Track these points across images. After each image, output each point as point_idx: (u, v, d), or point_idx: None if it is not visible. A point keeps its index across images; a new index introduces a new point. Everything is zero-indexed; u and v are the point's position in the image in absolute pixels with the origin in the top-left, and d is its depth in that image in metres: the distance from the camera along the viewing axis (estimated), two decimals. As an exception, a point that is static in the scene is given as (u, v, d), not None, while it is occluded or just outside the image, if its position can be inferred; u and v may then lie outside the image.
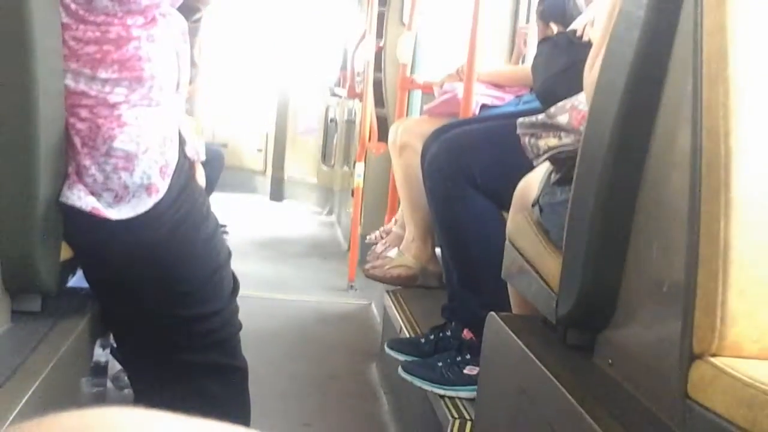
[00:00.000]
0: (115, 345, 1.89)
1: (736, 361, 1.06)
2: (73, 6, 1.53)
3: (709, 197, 1.09)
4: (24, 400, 1.26)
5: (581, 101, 1.76)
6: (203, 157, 1.88)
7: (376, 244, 4.06)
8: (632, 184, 1.33)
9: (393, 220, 4.27)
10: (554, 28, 3.58)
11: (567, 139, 1.76)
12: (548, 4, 3.66)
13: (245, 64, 9.48)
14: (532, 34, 3.66)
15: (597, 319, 1.44)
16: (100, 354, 2.25)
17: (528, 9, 4.70)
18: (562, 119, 1.78)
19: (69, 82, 1.56)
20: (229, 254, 1.90)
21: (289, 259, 5.95)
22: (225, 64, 8.90)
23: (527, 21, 4.24)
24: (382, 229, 4.30)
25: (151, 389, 1.85)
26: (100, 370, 2.57)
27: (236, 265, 1.92)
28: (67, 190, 1.57)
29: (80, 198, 1.58)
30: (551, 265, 1.68)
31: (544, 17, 3.63)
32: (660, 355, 1.23)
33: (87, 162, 1.58)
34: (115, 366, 2.60)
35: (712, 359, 1.07)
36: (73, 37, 1.55)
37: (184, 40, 1.72)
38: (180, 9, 1.75)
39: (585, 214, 1.41)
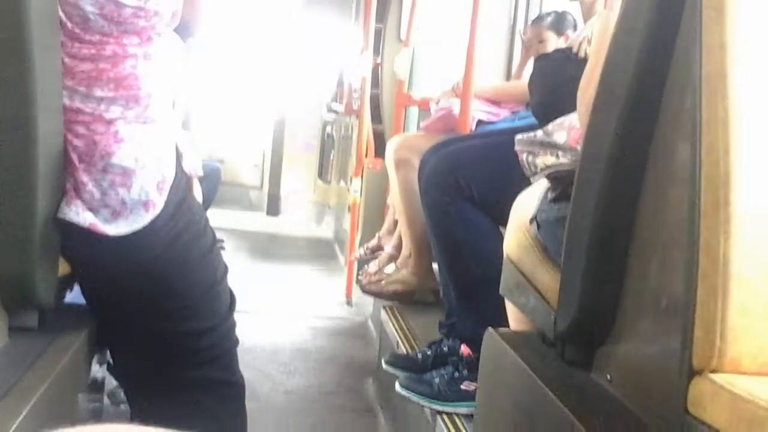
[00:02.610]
0: (111, 361, 1.89)
1: (736, 377, 1.06)
2: (69, 25, 1.54)
3: (708, 213, 1.09)
4: (21, 417, 1.26)
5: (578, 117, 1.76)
6: (200, 173, 1.88)
7: (367, 261, 4.06)
8: (630, 200, 1.33)
9: (376, 236, 4.26)
10: (551, 40, 3.59)
11: (564, 158, 1.76)
12: (555, 17, 3.67)
13: (242, 81, 9.50)
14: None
15: (596, 335, 1.44)
16: (97, 370, 2.25)
17: (525, 24, 4.71)
18: (559, 137, 1.79)
19: (65, 99, 1.56)
20: (226, 269, 1.90)
21: (286, 275, 5.95)
22: (222, 81, 8.93)
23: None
24: (366, 246, 4.29)
25: (148, 405, 1.85)
26: (96, 386, 2.57)
27: (233, 281, 1.92)
28: (65, 206, 1.57)
29: (78, 214, 1.58)
30: (549, 281, 1.68)
31: (546, 29, 3.63)
32: (659, 371, 1.22)
33: (85, 178, 1.58)
34: (111, 382, 2.59)
35: (712, 375, 1.07)
36: (69, 54, 1.55)
37: (179, 59, 1.73)
38: (176, 28, 1.75)
39: (583, 230, 1.41)
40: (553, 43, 3.57)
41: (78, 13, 1.54)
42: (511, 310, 2.04)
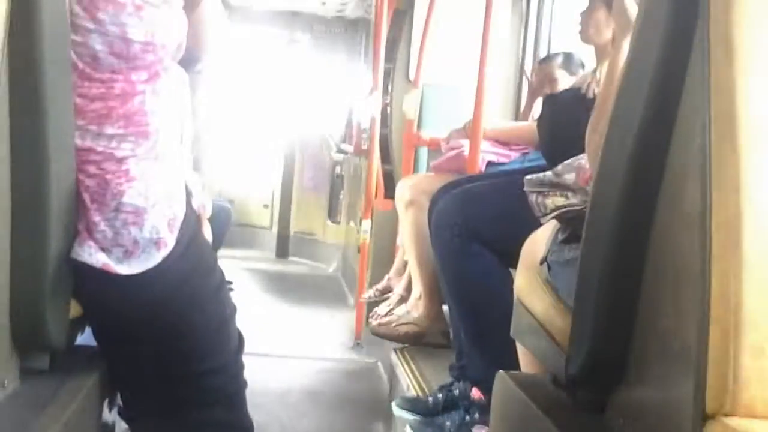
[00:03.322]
0: (122, 404, 1.88)
1: (750, 421, 1.05)
2: (80, 65, 1.55)
3: (719, 255, 1.09)
4: (32, 461, 1.25)
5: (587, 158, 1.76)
6: (210, 211, 1.89)
7: (377, 302, 4.05)
8: (642, 242, 1.32)
9: (386, 277, 4.25)
10: (563, 78, 3.61)
11: (574, 199, 1.76)
12: (564, 58, 3.69)
13: (252, 120, 9.55)
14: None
15: (608, 378, 1.42)
16: (107, 415, 2.23)
17: (532, 65, 4.74)
18: (569, 178, 1.79)
19: (76, 139, 1.57)
20: (235, 310, 1.90)
21: (295, 316, 5.93)
22: (231, 120, 8.98)
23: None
24: (376, 287, 4.29)
25: (158, 448, 1.84)
26: (107, 430, 2.55)
27: (241, 322, 1.91)
28: (78, 246, 1.58)
29: (91, 255, 1.58)
30: (560, 323, 1.67)
31: (557, 68, 3.66)
32: (672, 415, 1.21)
33: (97, 218, 1.59)
34: (122, 426, 2.57)
35: (725, 419, 1.06)
36: (80, 94, 1.56)
37: (185, 93, 1.74)
38: (181, 61, 1.77)
39: (594, 272, 1.40)
40: (565, 81, 3.60)
41: (88, 52, 1.55)
42: (522, 353, 2.03)
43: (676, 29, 1.24)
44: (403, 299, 3.83)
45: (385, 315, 3.74)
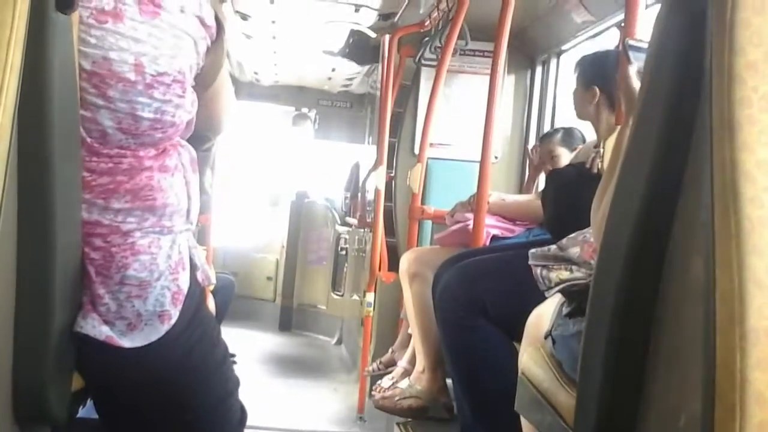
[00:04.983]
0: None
1: (758, 499, 1.03)
2: (88, 140, 1.56)
3: (723, 330, 1.08)
4: None
5: (592, 234, 1.77)
6: (213, 282, 1.89)
7: (380, 375, 4.02)
8: (647, 316, 1.32)
9: (390, 350, 4.23)
10: (564, 155, 3.65)
11: (578, 273, 1.76)
12: (563, 133, 3.74)
13: (256, 193, 9.61)
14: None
15: (613, 454, 1.41)
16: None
17: (535, 140, 4.78)
18: (574, 252, 1.79)
19: (83, 212, 1.58)
20: (238, 382, 1.88)
21: (298, 389, 5.88)
22: (236, 192, 9.02)
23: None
24: (379, 360, 4.26)
25: None
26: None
27: (244, 395, 1.90)
28: (82, 319, 1.58)
29: (95, 327, 1.58)
30: (565, 398, 1.66)
31: (558, 144, 3.71)
32: (679, 492, 1.20)
33: (101, 291, 1.59)
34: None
35: (733, 497, 1.05)
36: (87, 168, 1.57)
37: (193, 170, 1.75)
38: (190, 138, 1.78)
39: (599, 347, 1.40)
40: (566, 157, 3.63)
41: (97, 128, 1.57)
42: (527, 428, 2.01)
43: (679, 108, 1.26)
44: (406, 372, 3.80)
45: (389, 388, 3.71)
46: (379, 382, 3.90)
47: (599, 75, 2.99)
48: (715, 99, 1.15)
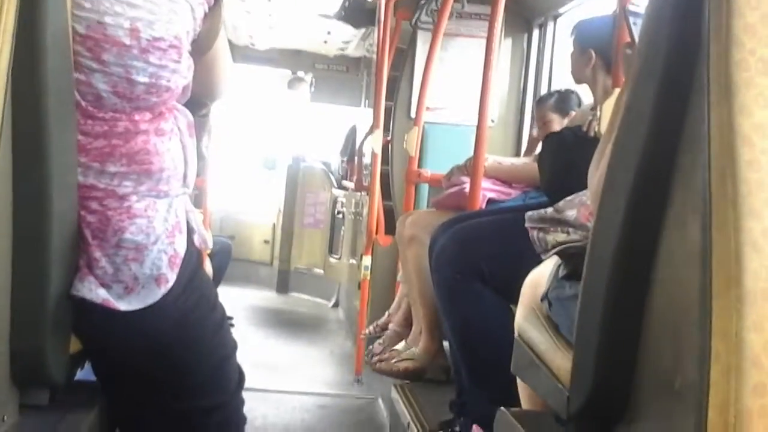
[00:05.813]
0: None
1: (752, 459, 1.04)
2: (83, 103, 1.56)
3: (719, 293, 1.09)
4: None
5: (589, 196, 1.77)
6: (210, 246, 1.89)
7: (377, 338, 4.04)
8: (643, 279, 1.33)
9: (386, 313, 4.25)
10: (557, 123, 3.65)
11: (575, 235, 1.76)
12: (557, 98, 3.74)
13: (253, 156, 9.59)
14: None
15: (609, 416, 1.42)
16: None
17: (533, 106, 4.77)
18: (570, 214, 1.79)
19: (78, 176, 1.57)
20: (235, 346, 1.89)
21: (296, 352, 5.91)
22: (232, 156, 9.01)
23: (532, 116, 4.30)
24: (376, 323, 4.28)
25: (157, 485, 1.82)
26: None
27: (241, 358, 1.91)
28: (79, 282, 1.58)
29: (91, 290, 1.58)
30: (561, 360, 1.66)
31: (550, 110, 3.70)
32: (674, 453, 1.21)
33: (98, 254, 1.59)
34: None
35: (727, 457, 1.05)
36: (82, 131, 1.57)
37: (190, 134, 1.74)
38: (187, 103, 1.77)
39: (595, 309, 1.40)
40: (558, 123, 3.63)
41: (91, 91, 1.56)
42: (523, 390, 2.03)
43: (676, 70, 1.25)
44: (397, 335, 3.82)
45: (384, 351, 3.73)
46: (370, 346, 3.93)
47: (595, 39, 2.99)
48: (712, 61, 1.15)
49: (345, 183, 7.90)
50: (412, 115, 5.11)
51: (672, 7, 1.26)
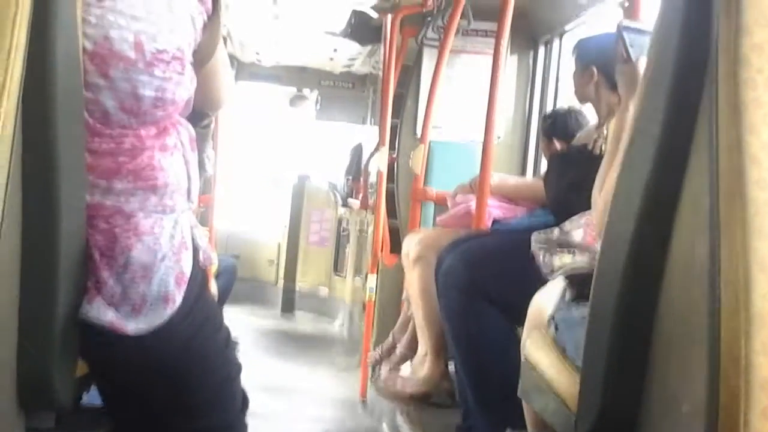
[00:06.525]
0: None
1: (762, 485, 1.03)
2: (90, 121, 1.56)
3: (728, 315, 1.08)
4: None
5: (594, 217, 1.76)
6: (215, 262, 1.88)
7: (382, 361, 4.02)
8: (651, 301, 1.32)
9: (390, 335, 4.22)
10: (557, 144, 3.65)
11: (581, 257, 1.75)
12: (551, 122, 3.75)
13: (257, 174, 9.60)
14: None
15: (617, 439, 1.40)
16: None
17: (538, 124, 4.77)
18: (576, 236, 1.79)
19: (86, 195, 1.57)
20: (240, 368, 1.88)
21: (300, 373, 5.89)
22: (237, 173, 9.02)
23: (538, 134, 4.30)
24: (381, 345, 4.25)
25: None
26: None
27: (245, 380, 1.89)
28: (87, 304, 1.57)
29: (99, 312, 1.57)
30: (568, 383, 1.65)
31: (547, 134, 3.72)
32: (683, 478, 1.19)
33: (105, 274, 1.58)
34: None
35: (737, 482, 1.04)
36: (90, 150, 1.57)
37: (192, 149, 1.74)
38: (189, 116, 1.77)
39: (603, 332, 1.39)
40: (556, 145, 3.64)
41: (99, 108, 1.56)
42: (530, 413, 2.01)
43: (684, 89, 1.25)
44: (404, 357, 3.79)
45: (389, 375, 3.71)
46: (377, 368, 3.90)
47: (596, 56, 2.98)
48: (721, 80, 1.14)
49: (350, 201, 7.89)
50: (418, 132, 5.10)
51: (680, 26, 1.26)
